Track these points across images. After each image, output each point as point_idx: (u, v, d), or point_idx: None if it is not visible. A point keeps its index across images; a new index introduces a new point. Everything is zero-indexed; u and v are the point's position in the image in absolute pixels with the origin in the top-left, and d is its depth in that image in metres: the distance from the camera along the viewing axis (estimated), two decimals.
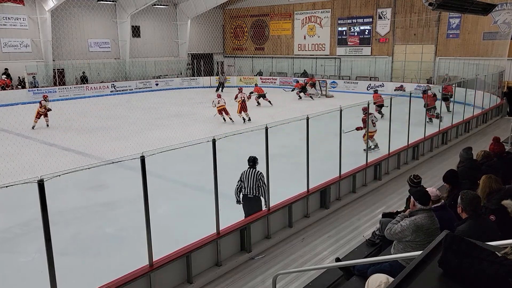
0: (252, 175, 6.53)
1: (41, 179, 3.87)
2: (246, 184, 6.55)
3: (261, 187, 6.52)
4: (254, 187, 6.50)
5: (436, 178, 9.12)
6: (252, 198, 6.53)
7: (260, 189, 6.52)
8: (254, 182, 6.50)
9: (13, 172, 9.48)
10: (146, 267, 4.92)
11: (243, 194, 6.61)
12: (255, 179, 6.50)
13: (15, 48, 24.76)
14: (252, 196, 6.53)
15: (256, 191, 6.52)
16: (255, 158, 6.67)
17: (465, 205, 3.73)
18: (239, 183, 6.60)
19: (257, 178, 6.50)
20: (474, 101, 15.72)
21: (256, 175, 6.52)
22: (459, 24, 24.98)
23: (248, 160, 6.68)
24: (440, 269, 1.65)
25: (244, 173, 6.61)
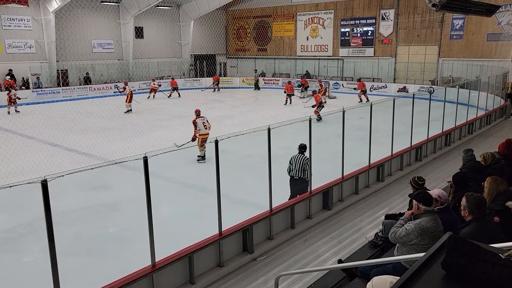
0: (300, 159, 7.39)
1: (45, 180, 3.88)
2: (293, 167, 7.41)
3: (306, 171, 7.33)
4: (300, 170, 7.36)
5: (439, 179, 9.10)
6: (298, 179, 7.38)
7: (305, 172, 7.33)
8: (300, 166, 7.34)
9: (17, 172, 9.52)
10: (149, 268, 4.93)
11: (291, 175, 7.45)
12: (301, 163, 7.34)
13: (19, 49, 24.88)
14: (298, 178, 7.37)
15: (302, 173, 7.35)
16: (304, 145, 7.38)
17: (471, 208, 3.68)
18: (289, 166, 7.49)
19: (304, 163, 7.34)
20: (478, 103, 15.68)
21: (302, 159, 7.37)
22: (462, 25, 24.92)
23: (299, 147, 7.46)
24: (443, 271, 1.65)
25: (293, 157, 7.44)
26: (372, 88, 27.25)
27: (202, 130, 11.46)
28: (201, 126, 11.50)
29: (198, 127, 11.49)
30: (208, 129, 11.59)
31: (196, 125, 11.51)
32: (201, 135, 11.42)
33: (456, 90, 14.20)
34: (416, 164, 10.63)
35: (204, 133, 11.45)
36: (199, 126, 11.50)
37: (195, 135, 11.40)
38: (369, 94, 25.10)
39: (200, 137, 11.42)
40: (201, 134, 11.42)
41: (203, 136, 11.41)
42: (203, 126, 11.50)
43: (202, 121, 11.57)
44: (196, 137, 11.39)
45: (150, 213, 4.81)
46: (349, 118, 8.00)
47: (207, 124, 11.59)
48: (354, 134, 9.96)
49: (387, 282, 2.29)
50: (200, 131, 11.44)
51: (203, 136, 11.40)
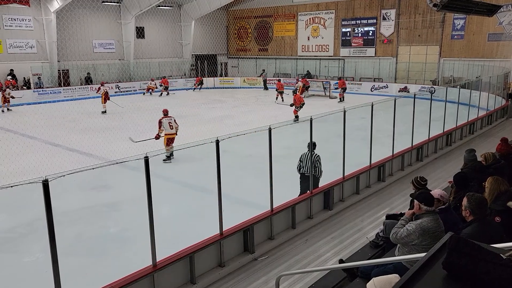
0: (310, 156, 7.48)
1: (46, 179, 3.88)
2: (304, 164, 7.56)
3: (317, 168, 7.50)
4: (311, 167, 7.43)
5: (440, 180, 9.08)
6: (308, 176, 7.44)
7: (316, 169, 7.50)
8: (311, 163, 7.42)
9: (18, 172, 9.53)
10: (150, 268, 4.93)
11: (301, 172, 7.60)
12: (312, 160, 7.44)
13: (21, 49, 24.91)
14: (308, 175, 7.44)
15: (313, 170, 7.44)
16: (314, 143, 7.49)
17: (473, 208, 3.67)
18: (299, 163, 7.64)
19: (314, 160, 7.46)
20: (479, 103, 15.66)
21: (313, 157, 7.46)
22: (463, 25, 24.90)
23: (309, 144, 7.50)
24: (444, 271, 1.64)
25: (303, 154, 7.58)
26: (373, 88, 27.25)
27: (167, 130, 11.53)
28: (167, 126, 11.56)
29: (163, 126, 11.58)
30: (175, 129, 11.67)
31: (160, 125, 11.60)
32: (167, 135, 11.54)
33: (457, 90, 14.20)
34: (417, 164, 10.62)
35: (170, 133, 11.57)
36: (164, 125, 11.59)
37: (158, 134, 11.53)
38: (370, 94, 25.15)
39: (166, 136, 11.53)
40: (167, 134, 11.53)
41: (168, 136, 11.52)
42: (168, 126, 11.56)
43: (168, 121, 11.64)
44: (159, 136, 11.50)
45: (151, 213, 4.81)
46: (350, 118, 7.99)
47: (173, 124, 11.65)
48: (355, 134, 9.95)
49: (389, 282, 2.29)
50: (165, 131, 11.52)
51: (169, 136, 11.52)
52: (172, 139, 11.55)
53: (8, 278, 5.87)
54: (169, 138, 11.52)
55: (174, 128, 11.60)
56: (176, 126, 11.70)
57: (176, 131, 11.66)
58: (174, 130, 11.60)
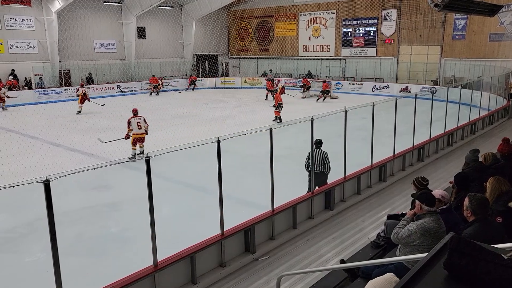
0: (318, 154, 7.76)
1: (47, 179, 3.88)
2: (313, 161, 7.65)
3: (326, 164, 7.77)
4: (319, 164, 7.73)
5: (441, 180, 9.07)
6: (319, 173, 7.70)
7: (325, 166, 7.77)
8: (320, 160, 7.74)
9: (19, 172, 9.55)
10: (151, 268, 4.93)
11: (310, 170, 7.62)
12: (321, 157, 7.76)
13: (22, 49, 24.95)
14: (319, 172, 7.70)
15: (322, 167, 7.74)
16: (320, 141, 7.78)
17: (474, 208, 3.67)
18: (307, 161, 7.73)
19: (323, 157, 7.76)
20: (480, 103, 15.63)
21: (321, 154, 7.77)
22: (465, 25, 24.87)
23: (315, 142, 7.64)
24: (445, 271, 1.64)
25: (311, 152, 7.62)
26: (374, 88, 27.23)
27: (135, 130, 11.67)
28: (135, 125, 11.69)
29: (132, 126, 11.72)
30: (144, 129, 11.81)
31: (129, 124, 11.74)
32: (135, 135, 11.70)
33: (459, 90, 14.17)
34: (418, 164, 10.61)
35: (137, 133, 11.71)
36: (133, 125, 11.72)
37: (128, 133, 11.72)
38: (371, 95, 25.12)
39: (133, 136, 11.69)
40: (135, 134, 11.68)
41: (136, 136, 11.68)
42: (136, 126, 11.69)
43: (136, 121, 11.76)
44: (129, 135, 11.71)
45: (152, 213, 4.81)
46: (351, 118, 7.98)
47: (141, 125, 11.77)
48: (356, 134, 9.94)
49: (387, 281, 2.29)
50: (133, 131, 11.67)
51: (136, 136, 11.68)
52: (140, 138, 11.76)
53: (9, 278, 5.88)
54: (136, 138, 11.71)
55: (142, 128, 11.78)
56: (145, 126, 11.87)
57: (145, 130, 11.85)
58: (143, 130, 11.78)
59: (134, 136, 11.69)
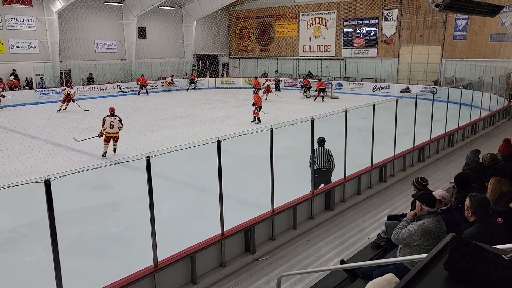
0: (323, 152, 7.83)
1: (48, 179, 3.89)
2: (318, 160, 7.73)
3: (331, 162, 7.84)
4: (324, 161, 7.76)
5: (442, 180, 9.07)
6: (325, 170, 7.79)
7: (330, 163, 7.83)
8: (326, 157, 7.78)
9: (20, 171, 9.56)
10: (151, 267, 4.93)
11: (316, 168, 7.66)
12: (326, 155, 7.81)
13: (23, 49, 24.96)
14: (325, 169, 7.78)
15: (327, 165, 7.80)
16: (323, 139, 7.88)
17: (475, 208, 3.66)
18: (312, 159, 7.64)
19: (328, 155, 7.83)
20: (481, 103, 15.62)
21: (326, 151, 7.83)
22: (466, 25, 24.85)
23: (318, 140, 7.76)
24: (446, 272, 1.64)
25: (315, 150, 7.67)
26: (374, 89, 27.23)
27: (108, 129, 12.08)
28: (108, 124, 12.09)
29: (105, 124, 12.12)
30: (116, 128, 12.18)
31: (103, 122, 12.16)
32: (107, 133, 12.11)
33: (459, 90, 14.17)
34: (419, 164, 10.60)
35: (109, 132, 12.10)
36: (106, 124, 12.13)
37: (101, 131, 12.14)
38: (372, 95, 25.11)
39: (106, 134, 12.11)
40: (107, 132, 12.10)
41: (108, 134, 12.09)
42: (109, 124, 12.08)
43: (110, 120, 12.13)
44: (102, 133, 12.13)
45: (153, 212, 4.81)
46: (351, 118, 7.98)
47: (114, 124, 12.12)
48: (357, 134, 9.94)
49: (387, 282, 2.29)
50: (106, 129, 12.08)
51: (108, 134, 12.10)
52: (113, 137, 12.20)
53: (10, 277, 5.88)
54: (108, 136, 12.13)
55: (115, 127, 12.16)
56: (118, 126, 12.22)
57: (118, 130, 12.23)
58: (116, 129, 12.17)
59: (106, 134, 12.11)
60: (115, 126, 12.13)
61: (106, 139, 12.12)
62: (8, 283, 5.76)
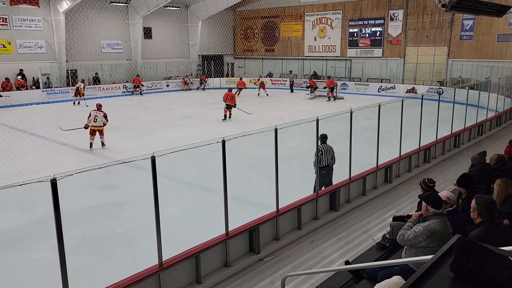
0: (328, 148, 7.84)
1: (54, 178, 3.91)
2: (324, 157, 7.73)
3: (334, 158, 7.91)
4: (330, 158, 7.82)
5: (448, 181, 9.01)
6: (331, 166, 7.84)
7: (334, 159, 7.89)
8: (331, 154, 7.83)
9: (27, 170, 9.62)
10: (156, 267, 4.95)
11: (323, 165, 7.69)
12: (330, 151, 7.85)
13: (30, 49, 25.13)
14: (331, 166, 7.83)
15: (332, 160, 7.85)
16: (326, 135, 7.84)
17: (481, 210, 3.64)
18: (320, 156, 7.62)
19: (331, 151, 7.87)
20: (488, 104, 15.52)
21: (329, 147, 7.86)
22: (472, 25, 24.69)
23: (321, 137, 7.68)
24: (451, 274, 1.63)
25: (321, 148, 7.68)
26: (380, 89, 27.14)
27: (92, 122, 12.98)
28: (92, 118, 13.00)
29: (90, 118, 13.04)
30: (100, 122, 13.01)
31: (89, 116, 13.07)
32: (92, 126, 13.00)
33: (466, 91, 14.09)
34: (425, 165, 10.55)
35: (93, 125, 12.97)
36: (91, 117, 13.04)
37: (86, 124, 13.04)
38: (377, 95, 25.02)
39: (91, 127, 13.00)
40: (92, 126, 12.99)
41: (93, 127, 12.98)
42: (93, 118, 12.97)
43: (95, 114, 13.06)
44: (88, 126, 13.02)
45: (158, 212, 4.83)
46: (356, 119, 7.96)
47: (98, 118, 12.98)
48: (362, 135, 9.91)
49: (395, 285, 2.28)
50: (90, 122, 12.98)
51: (93, 128, 12.98)
52: (99, 131, 13.06)
53: (16, 276, 5.92)
54: (93, 130, 13.01)
55: (98, 121, 12.99)
56: (103, 121, 13.04)
57: (102, 124, 13.08)
58: (100, 123, 13.02)
59: (91, 127, 12.99)
60: (99, 120, 12.95)
61: (92, 132, 12.97)
62: (14, 281, 5.80)
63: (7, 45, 24.18)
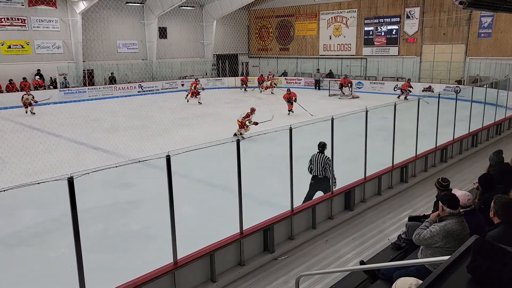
0: (320, 159, 7.37)
1: (71, 177, 3.98)
2: (314, 167, 7.42)
3: (327, 170, 7.32)
4: (321, 169, 7.35)
5: (465, 181, 8.88)
6: (322, 178, 7.38)
7: (326, 171, 7.33)
8: (321, 166, 7.34)
9: (45, 169, 9.81)
10: (171, 265, 4.99)
11: (313, 174, 7.46)
12: (322, 163, 7.34)
13: (48, 50, 25.60)
14: (322, 177, 7.37)
15: (324, 172, 7.34)
16: (324, 144, 7.36)
17: (497, 209, 3.61)
18: (309, 164, 7.42)
19: (324, 162, 7.33)
20: (507, 103, 15.21)
21: (323, 159, 7.35)
22: (491, 23, 24.21)
23: (318, 145, 7.38)
24: (469, 275, 1.61)
25: (313, 156, 7.42)
26: (396, 88, 26.81)
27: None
28: None
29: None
30: None
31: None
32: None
33: (484, 89, 13.83)
34: (441, 165, 10.40)
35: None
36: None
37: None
38: (393, 94, 24.74)
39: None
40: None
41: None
42: None
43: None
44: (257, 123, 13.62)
45: (173, 211, 4.87)
46: (372, 118, 7.89)
47: None
48: (377, 134, 9.82)
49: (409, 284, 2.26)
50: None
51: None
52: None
53: (35, 272, 6.05)
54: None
55: None
56: None
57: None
58: None
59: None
60: None
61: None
62: (33, 277, 5.92)
63: (26, 45, 24.67)
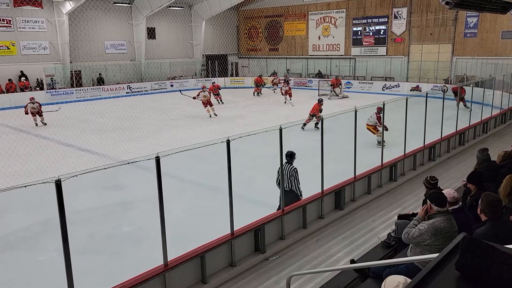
0: (286, 170, 6.79)
1: (59, 179, 3.93)
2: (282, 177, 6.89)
3: (292, 182, 6.79)
4: (287, 181, 6.79)
5: (453, 179, 8.98)
6: (288, 190, 6.82)
7: (292, 183, 6.79)
8: (287, 177, 6.80)
9: (32, 172, 9.67)
10: (161, 267, 4.96)
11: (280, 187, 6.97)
12: (288, 174, 6.80)
13: (34, 51, 25.27)
14: (289, 189, 6.82)
15: (289, 184, 6.80)
16: (292, 154, 6.86)
17: (484, 207, 3.67)
18: (278, 176, 6.88)
19: (290, 174, 6.79)
20: (493, 101, 15.43)
21: (289, 170, 6.78)
22: (477, 23, 24.56)
23: (286, 155, 6.79)
24: (457, 272, 1.62)
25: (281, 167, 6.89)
26: (384, 87, 27.05)
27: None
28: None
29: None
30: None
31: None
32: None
33: (470, 88, 14.01)
34: (430, 163, 10.51)
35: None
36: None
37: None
38: (382, 94, 24.95)
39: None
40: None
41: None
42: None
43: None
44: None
45: (162, 212, 4.84)
46: (361, 117, 7.94)
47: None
48: (367, 133, 9.89)
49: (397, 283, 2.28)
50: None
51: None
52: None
53: (23, 276, 5.96)
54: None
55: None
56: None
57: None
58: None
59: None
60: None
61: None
62: (21, 282, 5.83)
63: (11, 46, 24.33)
